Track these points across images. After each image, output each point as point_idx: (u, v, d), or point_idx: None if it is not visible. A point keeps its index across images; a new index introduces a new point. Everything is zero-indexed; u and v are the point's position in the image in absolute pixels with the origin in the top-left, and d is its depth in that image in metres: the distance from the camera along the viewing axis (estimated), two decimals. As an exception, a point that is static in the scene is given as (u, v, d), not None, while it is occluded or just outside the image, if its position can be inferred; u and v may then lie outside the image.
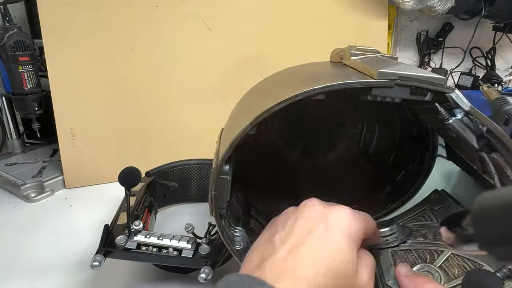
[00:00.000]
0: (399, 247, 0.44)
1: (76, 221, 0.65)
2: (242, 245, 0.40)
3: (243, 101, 0.46)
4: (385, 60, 0.36)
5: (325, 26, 0.88)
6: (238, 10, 0.81)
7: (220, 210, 0.38)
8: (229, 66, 0.83)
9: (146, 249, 0.44)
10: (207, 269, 0.42)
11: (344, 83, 0.31)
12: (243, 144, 0.36)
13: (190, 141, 0.83)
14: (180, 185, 0.67)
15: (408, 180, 0.52)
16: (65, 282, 0.49)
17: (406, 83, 0.30)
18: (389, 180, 0.54)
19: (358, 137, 0.58)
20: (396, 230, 0.46)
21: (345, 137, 0.59)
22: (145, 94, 0.78)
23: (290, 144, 0.59)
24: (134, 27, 0.75)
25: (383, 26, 0.93)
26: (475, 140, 0.32)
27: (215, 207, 0.37)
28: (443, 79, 0.31)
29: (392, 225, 0.47)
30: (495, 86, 0.92)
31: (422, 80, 0.31)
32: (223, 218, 0.39)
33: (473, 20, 1.04)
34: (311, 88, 0.31)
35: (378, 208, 0.52)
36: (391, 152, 0.56)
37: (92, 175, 0.77)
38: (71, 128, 0.75)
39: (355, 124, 0.58)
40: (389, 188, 0.54)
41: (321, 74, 0.38)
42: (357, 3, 0.89)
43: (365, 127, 0.58)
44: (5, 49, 0.72)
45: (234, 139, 0.34)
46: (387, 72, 0.30)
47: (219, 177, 0.36)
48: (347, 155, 0.58)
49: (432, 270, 0.39)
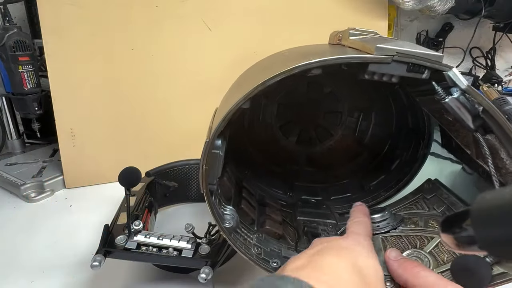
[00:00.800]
0: (390, 233, 0.44)
1: (76, 221, 0.65)
2: (232, 224, 0.39)
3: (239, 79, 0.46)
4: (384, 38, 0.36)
5: (325, 26, 0.88)
6: (238, 10, 0.81)
7: (210, 186, 0.37)
8: (229, 66, 0.83)
9: (146, 249, 0.44)
10: (207, 269, 0.42)
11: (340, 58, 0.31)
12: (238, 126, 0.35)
13: (190, 141, 0.83)
14: (180, 185, 0.67)
15: (403, 169, 0.52)
16: (65, 282, 0.49)
17: (403, 59, 0.30)
18: (384, 169, 0.55)
19: (354, 126, 0.58)
20: (388, 217, 0.46)
21: (341, 126, 0.58)
22: (145, 94, 0.78)
23: (285, 130, 0.59)
24: (134, 27, 0.75)
25: (383, 26, 0.93)
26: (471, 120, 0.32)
27: (206, 182, 0.36)
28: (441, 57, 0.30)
29: (384, 212, 0.47)
30: (495, 86, 0.92)
31: (420, 57, 0.30)
32: (213, 195, 0.38)
33: (473, 20, 1.04)
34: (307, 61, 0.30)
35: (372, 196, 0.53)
36: (387, 141, 0.56)
37: (92, 175, 0.77)
38: (71, 128, 0.75)
39: (351, 113, 0.58)
40: (383, 176, 0.54)
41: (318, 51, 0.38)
42: (357, 3, 0.89)
43: (361, 115, 0.57)
44: (5, 49, 0.72)
45: (227, 112, 0.33)
46: (385, 48, 0.30)
47: (210, 151, 0.35)
48: (343, 144, 0.59)
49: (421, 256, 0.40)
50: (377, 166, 0.56)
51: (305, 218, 0.48)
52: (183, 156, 0.69)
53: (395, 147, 0.54)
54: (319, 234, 0.44)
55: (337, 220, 0.48)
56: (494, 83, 1.00)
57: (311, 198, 0.55)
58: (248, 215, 0.44)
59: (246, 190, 0.49)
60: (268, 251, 0.40)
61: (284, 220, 0.48)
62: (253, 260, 0.39)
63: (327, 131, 0.59)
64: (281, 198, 0.54)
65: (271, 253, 0.40)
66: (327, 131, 0.59)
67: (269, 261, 0.39)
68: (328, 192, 0.56)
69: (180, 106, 0.81)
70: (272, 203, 0.50)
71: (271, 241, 0.42)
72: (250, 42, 0.83)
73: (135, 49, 0.76)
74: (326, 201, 0.54)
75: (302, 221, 0.47)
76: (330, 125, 0.59)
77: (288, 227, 0.47)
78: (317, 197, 0.55)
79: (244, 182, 0.51)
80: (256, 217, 0.46)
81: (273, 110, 0.57)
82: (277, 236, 0.44)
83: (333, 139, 0.59)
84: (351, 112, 0.58)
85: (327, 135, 0.59)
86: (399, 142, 0.54)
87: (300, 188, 0.56)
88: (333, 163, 0.59)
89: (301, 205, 0.52)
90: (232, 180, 0.47)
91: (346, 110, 0.57)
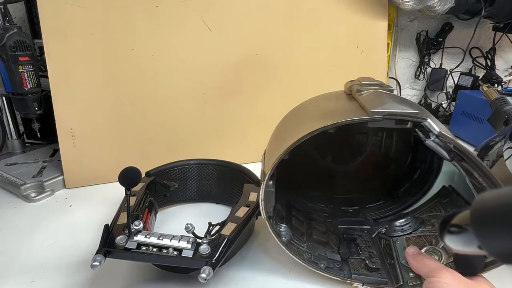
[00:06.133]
0: (412, 234, 0.55)
1: (76, 221, 0.65)
2: (287, 238, 0.51)
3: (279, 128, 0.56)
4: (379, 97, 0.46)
5: (325, 26, 0.88)
6: (238, 11, 0.81)
7: (268, 213, 0.48)
8: (229, 66, 0.83)
9: (146, 249, 0.44)
10: (207, 269, 0.42)
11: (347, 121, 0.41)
12: None
13: (190, 141, 0.83)
14: (180, 185, 0.67)
15: (423, 178, 0.60)
16: (65, 282, 0.50)
17: (391, 117, 0.41)
18: (408, 178, 0.63)
19: (379, 143, 0.66)
20: (410, 221, 0.57)
21: (369, 144, 0.67)
22: (145, 94, 0.78)
23: (321, 152, 0.68)
24: (134, 27, 0.76)
25: (383, 26, 0.93)
26: (446, 154, 0.42)
27: (265, 211, 0.48)
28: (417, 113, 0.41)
29: (407, 217, 0.58)
30: (495, 86, 0.92)
31: (402, 115, 0.41)
32: (271, 219, 0.49)
33: (473, 20, 1.04)
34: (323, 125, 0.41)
35: (401, 202, 0.61)
36: (408, 154, 0.64)
37: (92, 175, 0.77)
38: (71, 128, 0.75)
39: (376, 132, 0.66)
40: (407, 185, 0.62)
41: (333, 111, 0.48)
42: (357, 3, 0.89)
43: (384, 134, 0.66)
44: (5, 49, 0.72)
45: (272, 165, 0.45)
46: (377, 111, 0.41)
47: (266, 190, 0.47)
48: (372, 158, 0.67)
49: (435, 251, 0.50)
50: (403, 176, 0.64)
51: (345, 226, 0.58)
52: (183, 156, 0.69)
53: (415, 159, 0.63)
54: (355, 239, 0.55)
55: (371, 225, 0.58)
56: (494, 83, 1.00)
57: (349, 208, 0.63)
58: (298, 229, 0.55)
59: (294, 208, 0.59)
60: (316, 255, 0.52)
61: (327, 229, 0.58)
62: (305, 263, 0.49)
63: (357, 149, 0.67)
64: (323, 211, 0.63)
65: (319, 257, 0.51)
66: (357, 150, 0.67)
67: (318, 263, 0.50)
68: (363, 201, 0.64)
69: (180, 106, 0.81)
70: (317, 217, 0.60)
71: (318, 247, 0.53)
72: (251, 43, 0.83)
73: (135, 49, 0.76)
74: (362, 209, 0.63)
75: (342, 229, 0.58)
76: (359, 144, 0.67)
77: (331, 235, 0.57)
78: (354, 207, 0.64)
79: (292, 202, 0.60)
80: (305, 230, 0.56)
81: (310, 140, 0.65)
82: (322, 243, 0.55)
83: (363, 155, 0.67)
84: (376, 132, 0.66)
85: (357, 153, 0.67)
86: (417, 155, 0.62)
87: (339, 200, 0.65)
88: (366, 176, 0.67)
89: (341, 215, 0.61)
90: (283, 203, 0.57)
91: (372, 130, 0.66)
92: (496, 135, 0.65)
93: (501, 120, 0.75)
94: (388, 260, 0.52)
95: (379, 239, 0.56)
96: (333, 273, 0.49)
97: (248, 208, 0.52)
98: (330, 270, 0.50)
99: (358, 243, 0.55)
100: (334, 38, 0.89)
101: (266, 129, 0.61)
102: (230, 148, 0.85)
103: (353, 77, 0.91)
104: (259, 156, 0.59)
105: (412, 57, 1.17)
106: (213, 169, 0.68)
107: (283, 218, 0.55)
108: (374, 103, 0.42)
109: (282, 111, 0.61)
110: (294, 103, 0.61)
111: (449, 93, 1.17)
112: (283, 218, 0.55)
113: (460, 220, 0.24)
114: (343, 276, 0.49)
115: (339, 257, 0.52)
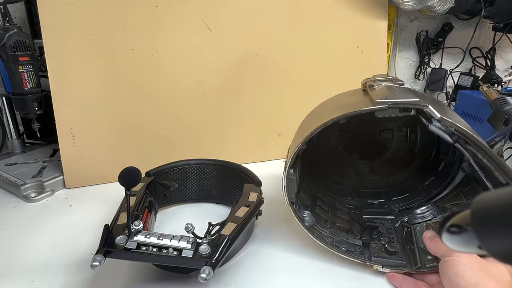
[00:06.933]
0: (432, 221, 0.58)
1: (76, 221, 0.65)
2: (310, 223, 0.54)
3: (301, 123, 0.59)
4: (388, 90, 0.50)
5: (325, 26, 0.88)
6: (238, 11, 0.81)
7: (291, 199, 0.52)
8: (229, 66, 0.83)
9: (146, 249, 0.44)
10: (207, 269, 0.42)
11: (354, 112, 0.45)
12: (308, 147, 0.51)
13: (190, 141, 0.83)
14: (180, 185, 0.67)
15: (447, 169, 0.62)
16: (65, 282, 0.49)
17: (395, 106, 0.44)
18: (433, 171, 0.65)
19: (404, 139, 0.69)
20: (430, 208, 0.60)
21: (394, 140, 0.69)
22: (145, 94, 0.78)
23: (348, 149, 0.71)
24: (134, 27, 0.76)
25: (383, 26, 0.93)
26: (449, 137, 0.44)
27: (288, 196, 0.52)
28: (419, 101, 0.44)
29: (428, 204, 0.60)
30: (494, 86, 0.92)
31: (405, 103, 0.44)
32: (294, 204, 0.53)
33: (473, 20, 1.04)
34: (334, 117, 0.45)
35: (425, 194, 0.63)
36: (433, 148, 0.66)
37: (92, 175, 0.77)
38: (71, 128, 0.75)
39: (401, 128, 0.68)
40: (433, 177, 0.64)
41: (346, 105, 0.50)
42: (357, 3, 0.89)
43: (409, 129, 0.68)
44: (5, 49, 0.72)
45: (293, 154, 0.49)
46: (382, 101, 0.44)
47: (287, 177, 0.51)
48: (398, 154, 0.69)
49: None
50: (428, 169, 0.66)
51: (369, 216, 0.60)
52: (183, 156, 0.69)
53: (439, 152, 0.65)
54: (377, 226, 0.58)
55: (395, 215, 0.61)
56: (494, 83, 1.00)
57: (375, 201, 0.66)
58: (321, 217, 0.58)
59: (319, 199, 0.62)
60: (338, 239, 0.55)
61: (352, 218, 0.60)
62: (328, 246, 0.52)
63: (383, 145, 0.69)
64: (350, 203, 0.65)
65: (340, 241, 0.55)
66: (383, 146, 0.70)
67: (339, 246, 0.53)
68: (389, 194, 0.66)
69: (180, 106, 0.81)
70: (342, 208, 0.63)
71: (341, 233, 0.56)
72: (251, 43, 0.83)
73: (135, 49, 0.76)
74: (387, 202, 0.65)
75: (366, 219, 0.60)
76: (385, 140, 0.69)
77: (355, 223, 0.59)
78: (380, 200, 0.66)
79: (318, 194, 0.63)
80: (329, 218, 0.59)
81: (335, 135, 0.70)
82: (345, 230, 0.57)
83: (389, 151, 0.69)
84: (400, 127, 0.68)
85: (383, 149, 0.70)
86: (441, 147, 0.64)
87: (365, 194, 0.67)
88: (392, 171, 0.69)
89: (366, 207, 0.64)
90: (307, 193, 0.60)
91: (396, 127, 0.68)
92: (496, 135, 0.65)
93: (501, 120, 0.75)
94: (408, 246, 0.54)
95: (401, 227, 0.59)
96: (354, 256, 0.52)
97: (248, 208, 0.53)
98: (351, 253, 0.52)
99: (380, 230, 0.57)
100: (334, 38, 0.89)
101: (266, 129, 0.62)
102: (230, 148, 0.85)
103: (353, 77, 0.91)
104: (259, 156, 0.59)
105: (412, 57, 1.17)
106: (213, 169, 0.68)
107: (307, 206, 0.57)
108: (381, 95, 0.46)
109: (282, 111, 0.62)
110: (294, 103, 0.61)
111: (449, 93, 1.17)
112: (308, 206, 0.57)
113: (460, 220, 0.24)
114: (363, 259, 0.51)
115: (361, 242, 0.55)
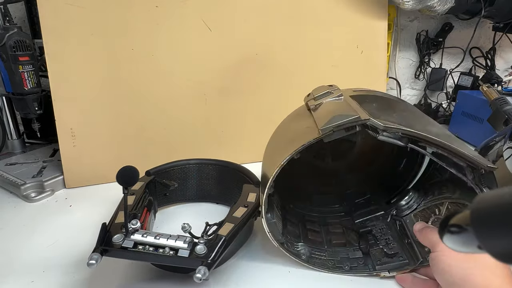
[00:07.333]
0: (417, 209, 0.58)
1: (76, 221, 0.65)
2: (306, 254, 0.53)
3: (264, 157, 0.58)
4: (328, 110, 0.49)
5: (325, 26, 0.88)
6: (238, 11, 0.81)
7: (279, 241, 0.51)
8: (229, 66, 0.83)
9: (142, 248, 0.44)
10: (202, 269, 0.41)
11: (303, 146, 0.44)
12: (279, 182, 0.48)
13: (190, 141, 0.83)
14: (180, 185, 0.67)
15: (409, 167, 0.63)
16: (64, 282, 0.50)
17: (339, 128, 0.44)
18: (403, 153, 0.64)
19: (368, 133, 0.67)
20: (413, 196, 0.60)
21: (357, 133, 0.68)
22: (145, 94, 0.78)
23: (320, 156, 0.70)
24: (134, 27, 0.76)
25: (383, 26, 0.93)
26: (399, 142, 0.45)
27: (275, 239, 0.50)
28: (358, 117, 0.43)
29: (409, 193, 0.61)
30: (495, 86, 0.92)
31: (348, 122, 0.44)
32: (284, 244, 0.51)
33: (473, 20, 1.04)
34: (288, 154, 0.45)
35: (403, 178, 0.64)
36: None
37: (92, 175, 0.77)
38: (71, 128, 0.75)
39: None
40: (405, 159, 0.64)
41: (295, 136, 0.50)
42: (357, 3, 0.89)
43: None
44: (5, 49, 0.72)
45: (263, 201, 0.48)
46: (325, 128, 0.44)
47: (267, 223, 0.50)
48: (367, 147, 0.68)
49: (438, 220, 0.53)
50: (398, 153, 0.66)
51: (361, 219, 0.60)
52: (183, 156, 0.69)
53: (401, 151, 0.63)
54: (371, 230, 0.58)
55: (384, 209, 0.61)
56: (494, 83, 1.00)
57: (361, 199, 0.65)
58: (316, 240, 0.57)
59: (309, 221, 0.61)
60: (339, 259, 0.53)
61: (345, 228, 0.60)
62: (331, 271, 0.51)
63: (350, 141, 0.69)
64: (339, 211, 0.64)
65: (342, 260, 0.53)
66: (349, 141, 0.69)
67: (342, 266, 0.52)
68: (371, 185, 0.66)
69: (180, 106, 0.81)
70: (333, 220, 0.62)
71: (340, 251, 0.55)
72: (251, 43, 0.83)
73: (135, 49, 0.76)
74: (373, 196, 0.65)
75: (359, 223, 0.60)
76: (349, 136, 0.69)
77: (350, 233, 0.59)
78: (366, 196, 0.65)
79: (305, 216, 0.62)
80: (323, 238, 0.58)
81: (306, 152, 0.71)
82: (342, 245, 0.56)
83: (357, 145, 0.68)
84: None
85: (351, 144, 0.69)
86: None
87: (350, 195, 0.66)
88: (366, 162, 0.68)
89: (355, 210, 0.63)
90: (294, 221, 0.59)
91: None
92: (496, 135, 0.65)
93: (501, 120, 0.75)
94: (405, 240, 0.54)
95: (393, 221, 0.58)
96: (358, 271, 0.51)
97: (246, 208, 0.52)
98: (355, 269, 0.51)
99: (374, 233, 0.57)
100: (334, 38, 0.89)
101: (266, 129, 0.61)
102: (230, 148, 0.85)
103: (353, 77, 0.92)
104: (259, 156, 0.59)
105: (412, 57, 1.17)
106: (213, 169, 0.68)
107: (298, 236, 0.56)
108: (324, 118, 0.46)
109: (282, 111, 0.62)
110: (294, 103, 0.61)
111: (449, 93, 1.17)
112: (299, 236, 0.56)
113: (459, 220, 0.24)
114: (368, 271, 0.51)
115: (361, 252, 0.54)
